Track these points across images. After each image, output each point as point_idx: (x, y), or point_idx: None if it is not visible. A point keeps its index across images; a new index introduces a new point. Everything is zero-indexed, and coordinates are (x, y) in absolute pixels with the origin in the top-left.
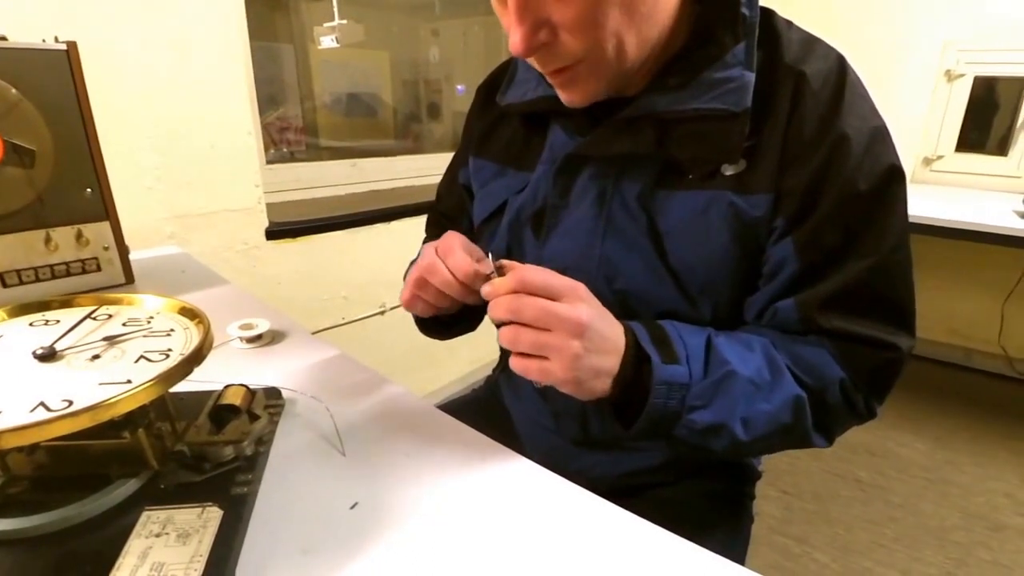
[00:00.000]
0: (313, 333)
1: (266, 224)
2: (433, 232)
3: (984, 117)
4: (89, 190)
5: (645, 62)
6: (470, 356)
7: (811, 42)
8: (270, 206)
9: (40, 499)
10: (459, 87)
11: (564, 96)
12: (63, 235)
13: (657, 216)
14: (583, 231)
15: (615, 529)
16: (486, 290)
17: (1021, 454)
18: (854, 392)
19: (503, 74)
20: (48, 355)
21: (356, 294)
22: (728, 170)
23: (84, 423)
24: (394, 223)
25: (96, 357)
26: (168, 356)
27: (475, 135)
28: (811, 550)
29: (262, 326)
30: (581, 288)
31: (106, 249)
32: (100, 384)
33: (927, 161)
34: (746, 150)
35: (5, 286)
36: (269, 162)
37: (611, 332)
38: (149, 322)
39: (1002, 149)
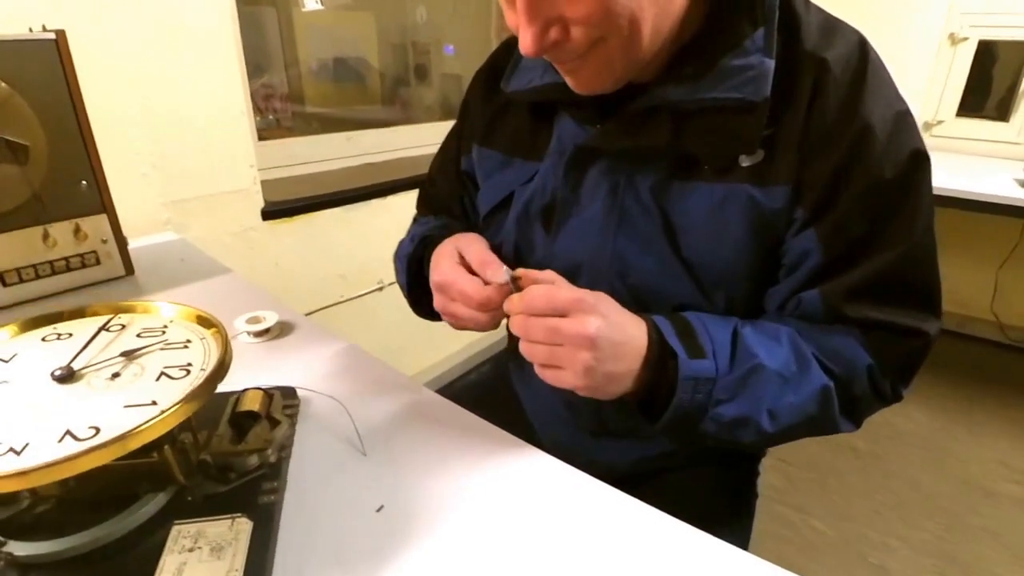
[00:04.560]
0: (312, 312)
1: (262, 205)
2: (424, 211)
3: (987, 82)
4: (84, 183)
5: (658, 51)
6: (470, 334)
7: (831, 25)
8: (264, 184)
9: (68, 519)
10: (447, 47)
11: (572, 82)
12: (61, 230)
13: (671, 209)
14: (595, 227)
15: (648, 529)
16: (506, 307)
17: (1014, 421)
18: (881, 378)
19: (504, 57)
20: (67, 376)
21: (354, 272)
22: (745, 161)
23: (115, 453)
24: (390, 198)
25: (116, 375)
26: (189, 372)
27: (478, 124)
28: (809, 518)
29: (270, 319)
30: (587, 300)
31: (104, 242)
32: (125, 407)
33: (927, 126)
34: (764, 140)
35: (5, 285)
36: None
37: (626, 336)
38: (164, 332)
39: (1003, 115)
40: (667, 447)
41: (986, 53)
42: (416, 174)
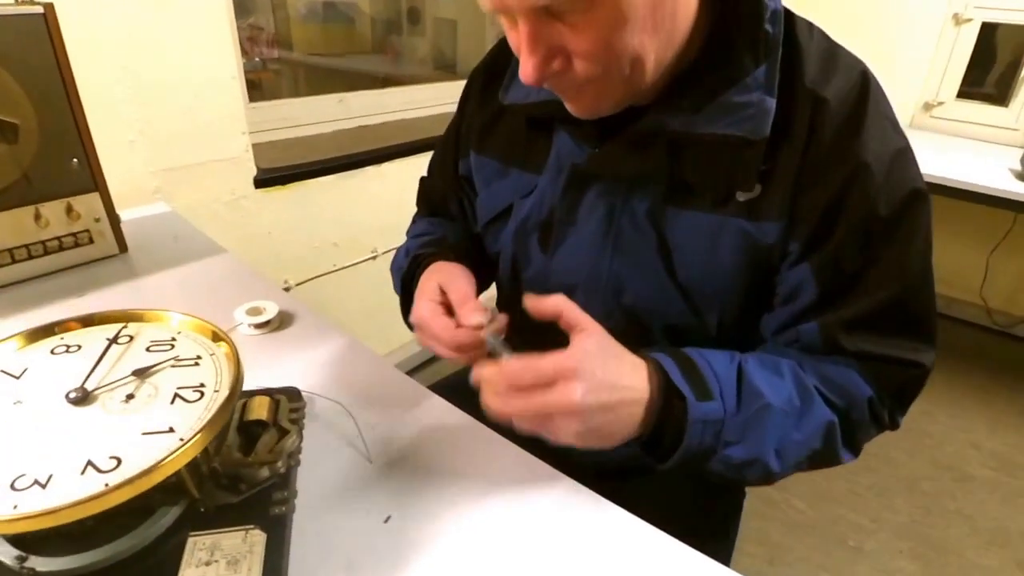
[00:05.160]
0: (305, 282)
1: (254, 172)
2: (423, 210)
3: (988, 65)
4: (75, 160)
5: (659, 77)
6: None
7: (833, 56)
8: (256, 147)
9: (86, 532)
10: None
11: (571, 107)
12: (53, 210)
13: (667, 233)
14: (592, 248)
15: (652, 550)
16: (474, 378)
17: (991, 405)
18: (880, 408)
19: (501, 58)
20: (82, 398)
21: (347, 240)
22: (742, 196)
23: (141, 488)
24: (384, 165)
25: (130, 397)
26: (202, 394)
27: (475, 128)
28: (790, 497)
29: (270, 310)
30: (570, 365)
31: (97, 221)
32: (143, 434)
33: (927, 107)
34: (760, 174)
35: None
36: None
37: (617, 394)
38: (173, 345)
39: (1003, 99)
40: None
41: (988, 36)
42: (409, 140)
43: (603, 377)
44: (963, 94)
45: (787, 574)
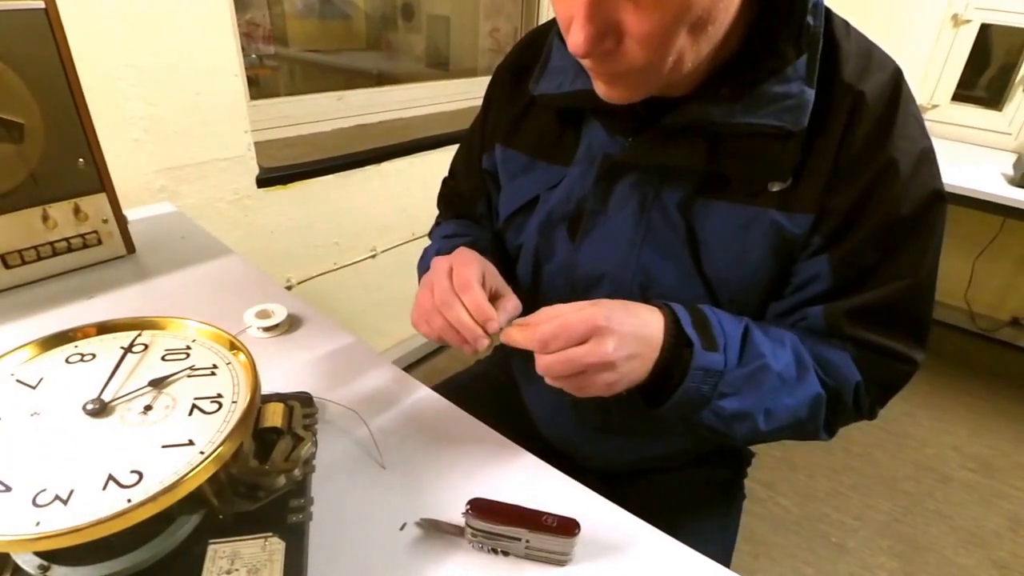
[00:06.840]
0: (306, 280)
1: (256, 172)
2: (446, 212)
3: (984, 68)
4: (81, 160)
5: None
6: None
7: (869, 53)
8: (257, 146)
9: (108, 541)
10: None
11: (602, 91)
12: (60, 211)
13: (697, 225)
14: (622, 239)
15: (654, 551)
16: (507, 339)
17: (973, 408)
18: (864, 395)
19: (529, 52)
20: (99, 409)
21: (347, 239)
22: (775, 187)
23: (164, 504)
24: (384, 164)
25: (148, 408)
26: (220, 404)
27: (502, 123)
28: (775, 495)
29: (279, 314)
30: (599, 323)
31: (105, 222)
32: (163, 447)
33: (922, 110)
34: (794, 167)
35: (7, 267)
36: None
37: (641, 344)
38: (188, 354)
39: (996, 103)
40: (667, 449)
41: (983, 38)
42: (407, 139)
43: (630, 329)
44: (957, 97)
45: (772, 569)
